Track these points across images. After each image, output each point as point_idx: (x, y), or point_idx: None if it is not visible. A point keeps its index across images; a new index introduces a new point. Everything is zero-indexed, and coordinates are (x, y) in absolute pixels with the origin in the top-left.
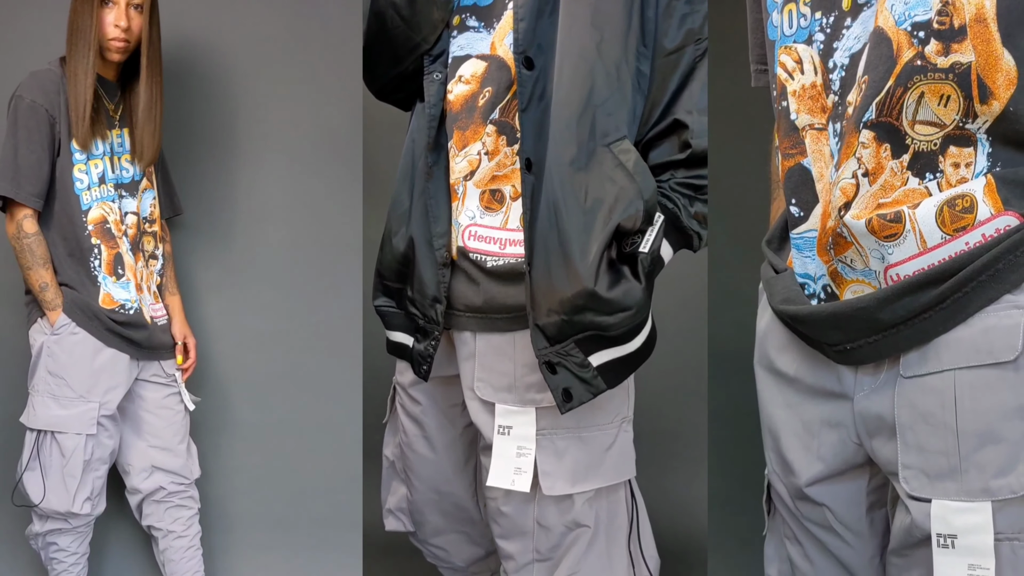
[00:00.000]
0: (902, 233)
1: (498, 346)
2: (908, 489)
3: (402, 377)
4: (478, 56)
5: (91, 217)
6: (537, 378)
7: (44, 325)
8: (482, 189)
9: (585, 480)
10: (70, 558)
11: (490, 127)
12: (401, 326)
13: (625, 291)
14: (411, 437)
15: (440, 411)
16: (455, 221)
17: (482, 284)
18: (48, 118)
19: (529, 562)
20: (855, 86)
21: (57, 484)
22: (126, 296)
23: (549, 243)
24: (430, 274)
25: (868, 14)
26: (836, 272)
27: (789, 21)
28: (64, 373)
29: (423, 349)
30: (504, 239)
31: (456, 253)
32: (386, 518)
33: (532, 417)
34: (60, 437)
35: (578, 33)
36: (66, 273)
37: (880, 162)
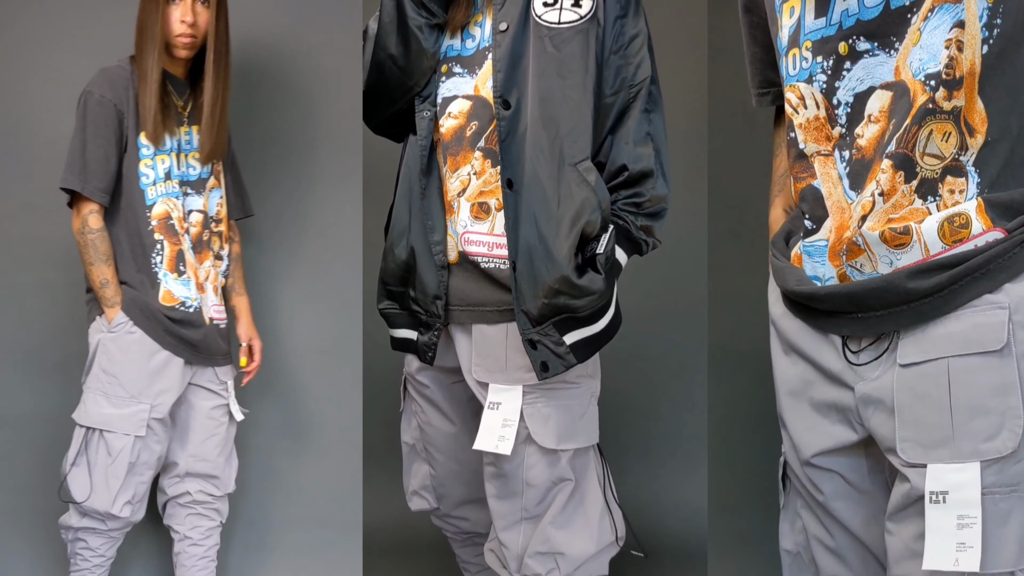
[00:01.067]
0: (910, 243)
1: (491, 335)
2: (905, 458)
3: (410, 367)
4: (463, 96)
5: (155, 212)
6: (524, 361)
7: (102, 323)
8: (472, 202)
9: (567, 440)
10: (95, 559)
11: (477, 153)
12: (405, 323)
13: (590, 279)
14: (429, 415)
15: (446, 388)
16: (453, 231)
17: (478, 282)
18: (116, 113)
19: (517, 521)
20: (863, 121)
21: (101, 484)
22: (186, 294)
23: (531, 243)
24: (431, 276)
25: (873, 62)
26: (844, 275)
27: (793, 64)
28: (118, 372)
29: (427, 339)
30: (491, 243)
31: (457, 257)
32: (411, 499)
33: (519, 393)
34: (108, 436)
35: (547, 81)
36: (127, 271)
37: (894, 185)
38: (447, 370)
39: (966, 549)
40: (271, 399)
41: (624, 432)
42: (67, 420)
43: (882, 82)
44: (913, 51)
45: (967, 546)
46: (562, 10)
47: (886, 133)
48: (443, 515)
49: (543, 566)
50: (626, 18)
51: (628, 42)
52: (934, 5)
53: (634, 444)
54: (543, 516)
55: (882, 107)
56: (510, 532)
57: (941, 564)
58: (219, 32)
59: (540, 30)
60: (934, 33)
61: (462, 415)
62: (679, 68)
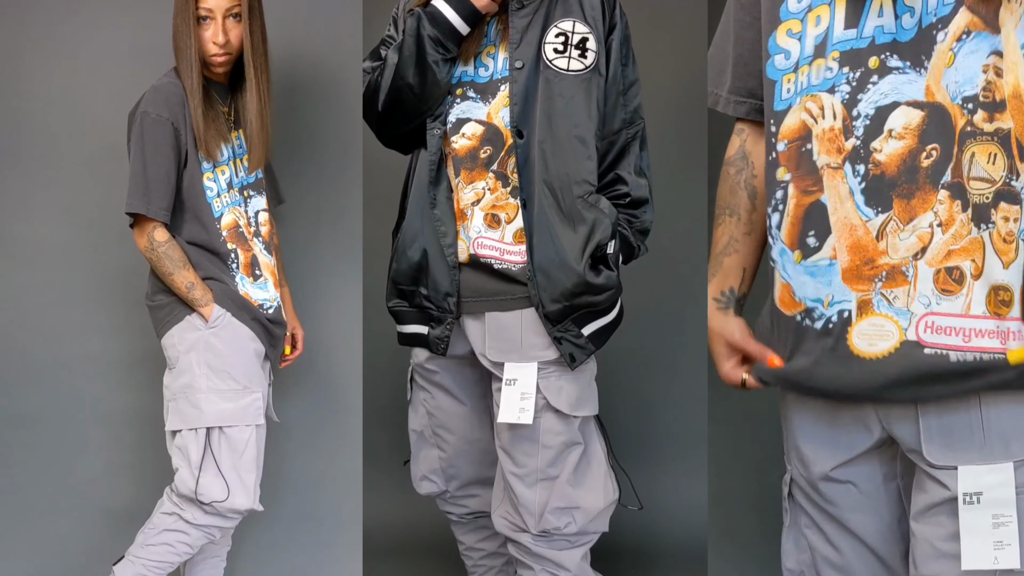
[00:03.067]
0: (957, 294)
1: (505, 320)
2: (932, 460)
3: (417, 358)
4: (476, 120)
5: (224, 223)
6: (537, 341)
7: (196, 321)
8: (485, 212)
9: (578, 408)
10: (186, 554)
11: (490, 173)
12: (414, 319)
13: (607, 277)
14: (439, 399)
15: (455, 373)
16: (465, 235)
17: (491, 277)
18: (173, 131)
19: (534, 481)
20: (883, 135)
21: (236, 482)
22: (264, 296)
23: (549, 257)
24: (443, 275)
25: (902, 79)
26: (868, 303)
27: (816, 73)
28: (227, 366)
29: (439, 333)
30: (503, 249)
31: (468, 258)
32: (419, 484)
33: (533, 369)
34: (229, 431)
35: (555, 122)
36: (209, 270)
37: (951, 215)
38: (456, 356)
39: (1004, 547)
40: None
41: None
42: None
43: (909, 99)
44: (947, 72)
45: (1005, 544)
46: (570, 59)
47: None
48: (451, 497)
49: (561, 520)
50: (627, 67)
51: (627, 88)
52: (969, 30)
53: (634, 444)
54: (558, 477)
55: (907, 124)
56: (528, 491)
57: (981, 563)
58: (255, 43)
59: (549, 72)
60: (970, 58)
61: (471, 396)
62: (679, 68)
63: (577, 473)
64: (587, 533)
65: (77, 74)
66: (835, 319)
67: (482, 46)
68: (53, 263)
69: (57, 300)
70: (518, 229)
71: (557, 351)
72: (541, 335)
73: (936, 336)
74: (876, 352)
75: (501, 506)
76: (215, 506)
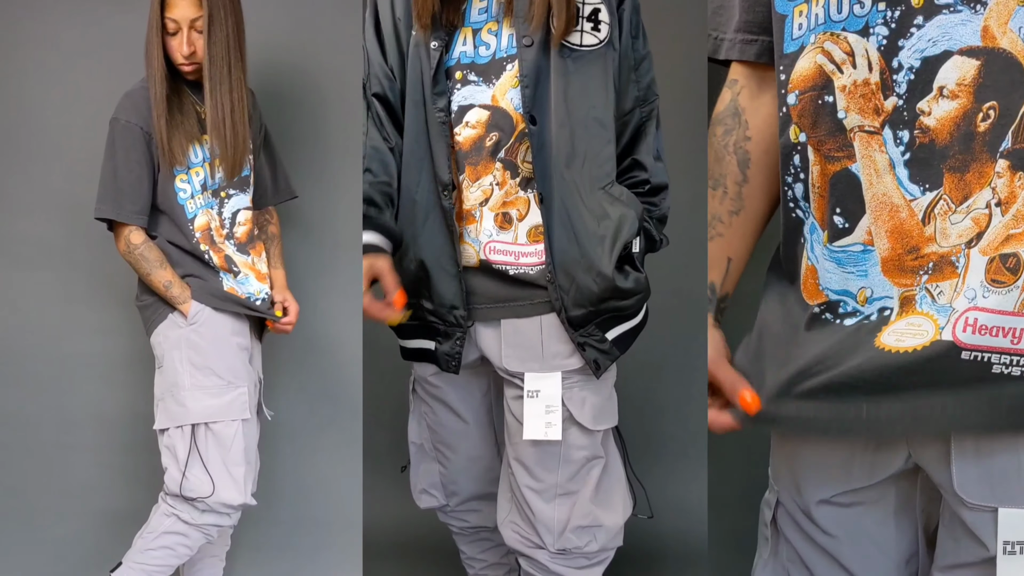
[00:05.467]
0: (1011, 285)
1: (524, 327)
2: (966, 496)
3: (421, 370)
4: (480, 105)
5: (198, 224)
6: (560, 348)
7: (177, 319)
8: (495, 212)
9: (601, 421)
10: (185, 555)
11: (498, 164)
12: (418, 334)
13: (635, 280)
14: (440, 415)
15: (460, 387)
16: (473, 239)
17: (505, 282)
18: (144, 136)
19: (553, 497)
20: (932, 94)
21: (223, 477)
22: (249, 290)
23: (571, 257)
24: (446, 285)
25: (953, 20)
26: (912, 299)
27: (838, 5)
28: (209, 362)
29: (448, 349)
30: (517, 252)
31: (478, 263)
32: (419, 497)
33: (558, 379)
34: (216, 427)
35: (571, 104)
36: (189, 267)
37: (1014, 191)
38: (464, 366)
39: None
40: (270, 399)
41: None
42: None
43: (963, 46)
44: (1021, 12)
45: None
46: (583, 33)
47: (976, 118)
48: (451, 511)
49: (582, 539)
50: (637, 40)
51: (639, 63)
52: None
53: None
54: (579, 492)
55: (962, 79)
56: (547, 507)
57: None
58: (213, 55)
59: (563, 50)
60: None
61: (475, 412)
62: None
63: (601, 489)
64: (607, 550)
65: (76, 74)
66: (875, 317)
67: (482, 22)
68: (52, 263)
69: (56, 300)
70: (532, 227)
71: (581, 359)
72: (564, 342)
73: (977, 337)
74: (903, 347)
75: (510, 518)
76: (205, 502)
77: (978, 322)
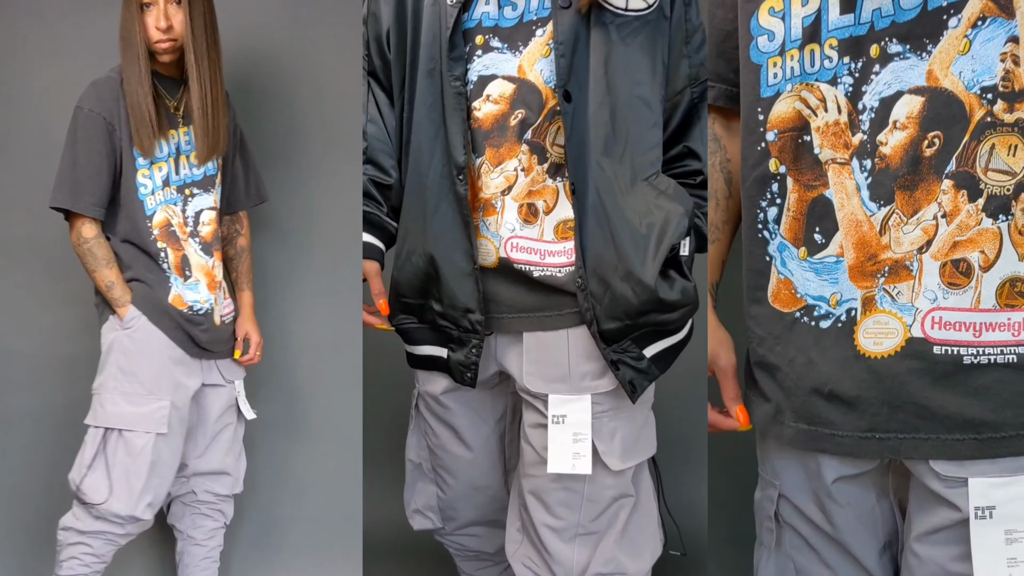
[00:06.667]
0: (965, 287)
1: (548, 341)
2: (941, 472)
3: (430, 386)
4: (504, 77)
5: (156, 221)
6: (590, 367)
7: (115, 322)
8: (520, 203)
9: (632, 455)
10: (95, 564)
11: (524, 146)
12: (428, 339)
13: (682, 290)
14: (443, 439)
15: (472, 410)
16: (491, 233)
17: (528, 287)
18: (106, 126)
19: (572, 536)
20: (888, 127)
21: (121, 486)
22: (195, 297)
23: (607, 261)
24: (461, 286)
25: (903, 65)
26: (872, 299)
27: (811, 60)
28: (135, 368)
29: (463, 358)
30: (543, 250)
31: (496, 262)
32: (412, 517)
33: (587, 404)
34: (128, 435)
35: (614, 79)
36: (137, 269)
37: (957, 205)
38: (481, 382)
39: (1018, 564)
40: (270, 399)
41: None
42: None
43: (911, 86)
44: (961, 60)
45: (1018, 561)
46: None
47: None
48: (447, 535)
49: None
50: (690, 7)
51: (691, 35)
52: (984, 15)
53: None
54: (603, 533)
55: (910, 112)
56: (565, 547)
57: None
58: (195, 30)
59: (605, 15)
60: (987, 45)
61: (483, 440)
62: None
63: (628, 532)
64: None
65: (75, 74)
66: (844, 318)
67: None
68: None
69: (55, 300)
70: (560, 221)
71: (613, 379)
72: (595, 359)
73: (945, 332)
74: (882, 351)
75: (522, 550)
76: (98, 508)
77: (943, 319)
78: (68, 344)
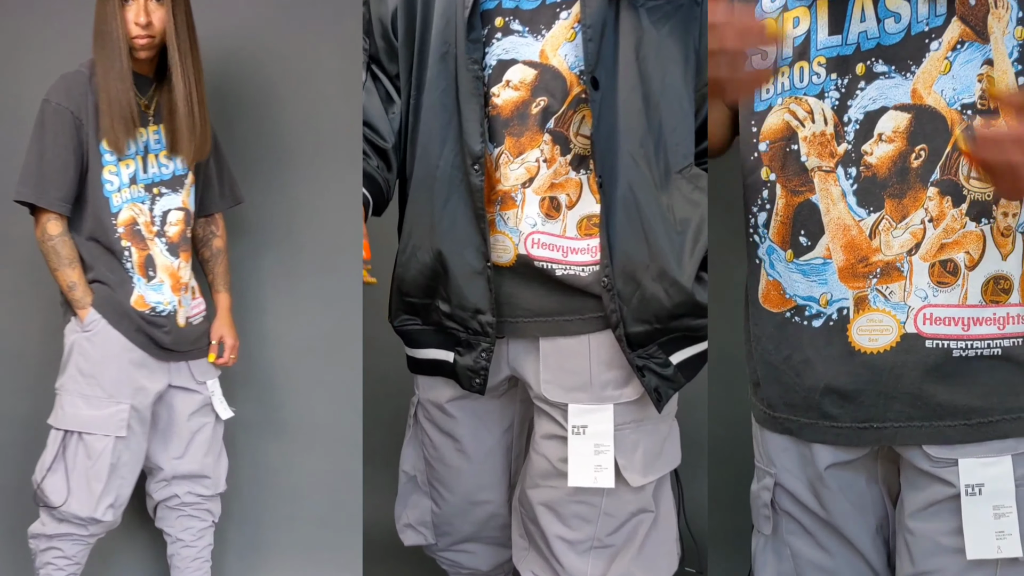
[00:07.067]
0: (953, 285)
1: (568, 347)
2: (934, 454)
3: (433, 393)
4: (525, 62)
5: (121, 219)
6: (612, 375)
7: (75, 324)
8: (542, 196)
9: (653, 469)
10: (69, 567)
11: (546, 136)
12: (433, 342)
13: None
14: (442, 451)
15: (477, 419)
16: (510, 228)
17: (547, 288)
18: (74, 121)
19: (587, 549)
20: (873, 139)
21: (81, 488)
22: (159, 298)
23: (638, 261)
24: (471, 285)
25: (888, 84)
26: (865, 299)
27: (800, 76)
28: (95, 371)
29: (471, 363)
30: (566, 247)
31: (514, 259)
32: (403, 532)
33: (610, 414)
34: (88, 438)
35: (646, 65)
36: (100, 271)
37: (943, 210)
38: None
39: (1005, 537)
40: (270, 398)
41: None
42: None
43: (897, 103)
44: (943, 79)
45: (1006, 534)
46: None
47: (910, 156)
48: (439, 551)
49: None
50: None
51: None
52: (963, 39)
53: None
54: (619, 547)
55: (896, 128)
56: (578, 560)
57: (984, 553)
58: (178, 27)
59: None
60: (966, 67)
61: (486, 452)
62: None
63: (646, 548)
64: None
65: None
66: (835, 316)
67: None
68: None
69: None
70: (583, 216)
71: (636, 389)
72: (617, 367)
73: (935, 327)
74: (878, 347)
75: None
76: (59, 511)
77: (934, 315)
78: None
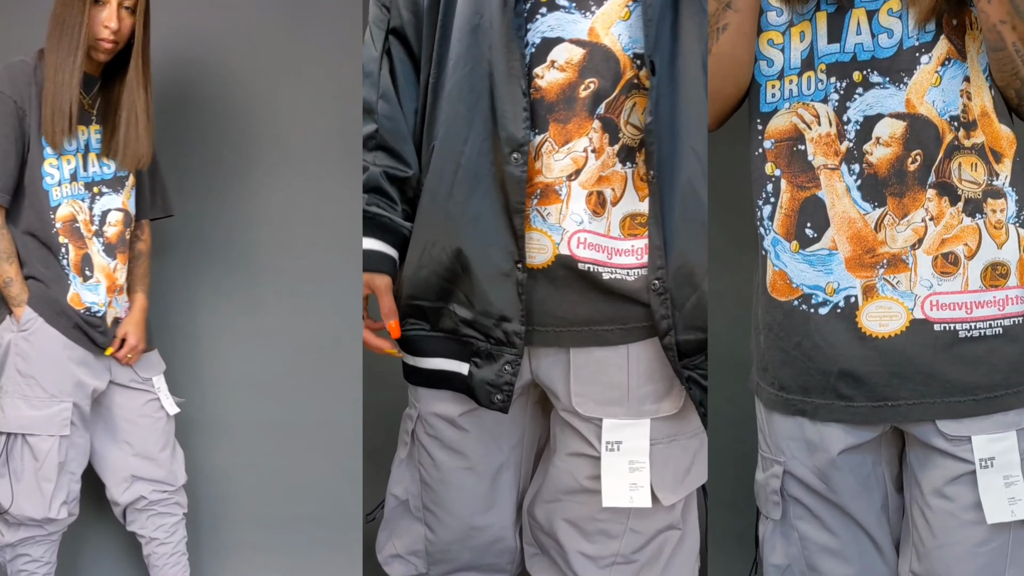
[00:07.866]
0: (955, 274)
1: (605, 359)
2: (948, 432)
3: (439, 406)
4: (572, 41)
5: (60, 215)
6: (651, 388)
7: (11, 322)
8: (589, 191)
9: (683, 486)
10: (41, 569)
11: (596, 123)
12: (442, 351)
13: None
14: (446, 471)
15: (487, 434)
16: (549, 226)
17: (589, 298)
18: (16, 110)
19: (609, 564)
20: (872, 140)
21: (31, 490)
22: (94, 299)
23: (695, 262)
24: (497, 289)
25: (883, 93)
26: (873, 287)
27: (808, 84)
28: (35, 372)
29: (493, 376)
30: (611, 248)
31: (551, 260)
32: (388, 564)
33: (646, 429)
34: (32, 440)
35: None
36: (35, 267)
37: (941, 209)
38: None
39: (1017, 502)
40: (270, 398)
41: None
42: None
43: (892, 111)
44: (933, 91)
45: (1017, 499)
46: None
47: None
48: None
49: None
50: None
51: None
52: (949, 57)
53: None
54: (642, 564)
55: (893, 134)
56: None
57: (1000, 517)
58: (145, 38)
59: None
60: (952, 82)
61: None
62: None
63: (671, 567)
64: None
65: None
66: (842, 304)
67: None
68: None
69: None
70: (627, 215)
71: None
72: (657, 379)
73: (941, 312)
74: (888, 331)
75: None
76: (12, 515)
77: (939, 301)
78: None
